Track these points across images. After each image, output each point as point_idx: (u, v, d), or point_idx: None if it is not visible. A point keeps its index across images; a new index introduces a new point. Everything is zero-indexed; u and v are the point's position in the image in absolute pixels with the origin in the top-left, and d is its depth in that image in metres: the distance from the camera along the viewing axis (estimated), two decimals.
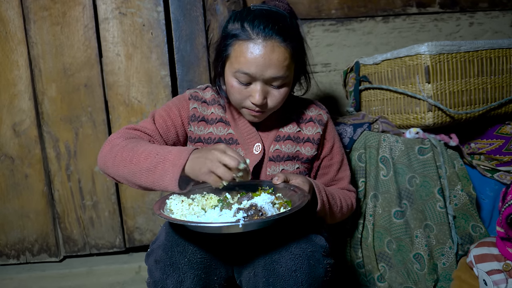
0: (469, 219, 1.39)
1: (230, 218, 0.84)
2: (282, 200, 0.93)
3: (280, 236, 0.93)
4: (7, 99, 1.67)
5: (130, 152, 0.98)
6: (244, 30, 1.01)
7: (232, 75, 1.05)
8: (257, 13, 1.04)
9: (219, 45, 1.09)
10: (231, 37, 1.03)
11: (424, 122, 1.41)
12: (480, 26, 1.93)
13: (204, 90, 1.20)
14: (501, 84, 1.46)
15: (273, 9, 1.07)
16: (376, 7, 1.85)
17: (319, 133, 1.18)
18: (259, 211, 0.85)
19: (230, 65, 1.05)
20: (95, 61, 1.67)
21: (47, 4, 1.63)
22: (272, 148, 1.14)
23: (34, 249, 1.76)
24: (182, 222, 0.83)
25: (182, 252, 0.91)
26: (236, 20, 1.05)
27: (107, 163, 1.01)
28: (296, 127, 1.17)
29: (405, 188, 1.39)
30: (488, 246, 1.18)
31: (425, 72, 1.36)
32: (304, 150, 1.17)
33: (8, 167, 1.70)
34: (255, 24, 1.00)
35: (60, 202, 1.74)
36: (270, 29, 1.00)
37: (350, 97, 1.73)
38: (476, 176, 1.47)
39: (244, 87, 1.05)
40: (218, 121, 1.16)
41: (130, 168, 0.96)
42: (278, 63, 1.01)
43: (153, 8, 1.66)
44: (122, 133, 1.08)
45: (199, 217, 0.87)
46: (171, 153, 0.94)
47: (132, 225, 1.77)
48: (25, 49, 1.65)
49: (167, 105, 1.17)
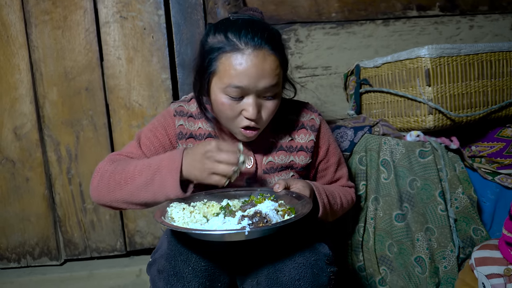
0: (470, 222, 1.39)
1: (234, 226, 0.83)
2: (285, 207, 0.92)
3: (283, 244, 0.93)
4: (8, 103, 1.67)
5: (121, 174, 0.97)
6: (229, 41, 0.95)
7: (221, 91, 0.98)
8: (240, 22, 0.98)
9: (201, 62, 1.01)
10: (215, 51, 0.97)
11: (425, 125, 1.41)
12: (480, 29, 1.93)
13: (189, 102, 1.13)
14: (502, 87, 1.46)
15: (255, 18, 1.02)
16: (376, 10, 1.85)
17: (312, 140, 1.13)
18: (264, 218, 0.84)
19: (218, 81, 0.98)
20: (96, 64, 1.68)
21: (49, 8, 1.64)
22: (265, 160, 1.10)
23: (35, 253, 1.76)
24: (187, 230, 0.81)
25: (186, 261, 0.90)
26: (218, 32, 0.98)
27: (101, 192, 1.00)
28: (288, 136, 1.13)
29: (406, 191, 1.39)
30: (490, 249, 1.16)
31: (425, 75, 1.36)
32: (298, 159, 1.13)
33: (9, 171, 1.71)
34: (242, 34, 0.95)
35: (61, 206, 1.74)
36: (259, 38, 0.95)
37: (350, 100, 1.74)
38: (477, 179, 1.47)
39: (236, 103, 0.98)
40: (207, 136, 1.10)
41: (127, 189, 0.95)
42: (270, 72, 0.96)
43: (154, 12, 1.67)
44: (108, 160, 1.05)
45: (202, 225, 0.86)
46: (164, 160, 0.93)
47: (133, 228, 1.77)
48: (26, 53, 1.65)
49: (153, 125, 1.12)
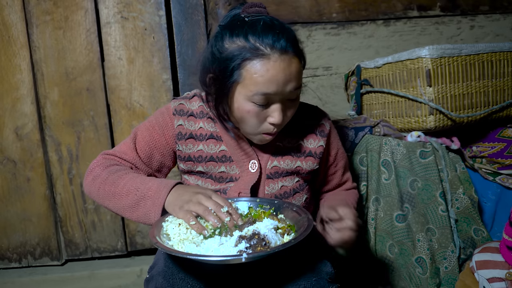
0: (471, 222, 1.39)
1: (231, 248, 0.79)
2: (285, 223, 0.89)
3: (283, 262, 0.90)
4: (9, 103, 1.68)
5: (111, 186, 0.95)
6: (253, 46, 0.89)
7: (247, 99, 0.92)
8: (261, 24, 0.91)
9: (221, 71, 0.93)
10: (237, 57, 0.90)
11: (426, 126, 1.41)
12: (481, 29, 1.93)
13: (190, 100, 1.07)
14: (503, 87, 1.46)
15: (272, 18, 0.95)
16: (377, 11, 1.85)
17: (321, 146, 1.08)
18: (262, 240, 0.80)
19: (243, 89, 0.92)
20: (97, 65, 1.68)
21: (50, 8, 1.64)
22: (270, 164, 1.05)
23: (36, 253, 1.76)
24: (181, 254, 0.77)
25: (184, 279, 0.87)
26: (236, 36, 0.91)
27: (91, 194, 1.00)
28: (295, 141, 1.07)
29: (406, 192, 1.38)
30: (492, 252, 1.14)
31: (426, 76, 1.36)
32: (306, 165, 1.08)
33: (11, 171, 1.71)
34: (266, 37, 0.89)
35: (62, 206, 1.74)
36: (284, 41, 0.90)
37: (351, 100, 1.74)
38: (478, 180, 1.47)
39: (262, 109, 0.93)
40: (208, 138, 1.04)
41: (114, 203, 0.95)
42: (296, 75, 0.93)
43: (154, 12, 1.67)
44: (101, 161, 1.02)
45: (198, 246, 0.81)
46: (151, 189, 0.91)
47: (133, 228, 1.77)
48: (27, 53, 1.65)
49: (150, 122, 1.07)
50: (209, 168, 1.05)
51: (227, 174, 1.05)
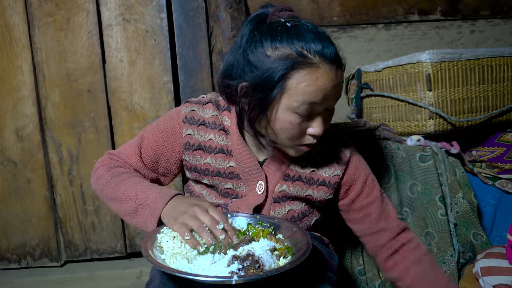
0: (470, 227, 1.39)
1: (223, 268, 0.76)
2: (283, 245, 0.86)
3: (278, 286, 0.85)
4: (10, 104, 1.68)
5: (113, 190, 0.95)
6: (300, 55, 0.84)
7: (290, 110, 0.87)
8: (308, 31, 0.87)
9: (262, 80, 0.86)
10: (283, 66, 0.84)
11: (426, 130, 1.41)
12: (482, 34, 1.94)
13: (204, 106, 1.01)
14: (502, 92, 1.47)
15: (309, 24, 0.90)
16: (377, 15, 1.86)
17: (337, 176, 1.01)
18: (257, 262, 0.76)
19: (288, 99, 0.86)
20: (98, 66, 1.68)
21: (52, 10, 1.65)
22: (278, 188, 1.00)
23: (36, 254, 1.76)
24: (171, 270, 0.75)
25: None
26: (280, 42, 0.86)
27: (96, 192, 1.02)
28: (309, 167, 1.01)
29: (406, 196, 1.39)
30: (497, 258, 1.12)
31: (426, 80, 1.36)
32: (317, 194, 1.01)
33: (11, 172, 1.71)
34: (313, 46, 0.85)
35: (62, 207, 1.74)
36: (333, 49, 0.87)
37: (351, 104, 1.74)
38: (477, 184, 1.47)
39: (303, 120, 0.89)
40: (218, 152, 0.99)
41: (115, 207, 0.96)
42: (342, 85, 0.90)
43: (156, 15, 1.68)
44: (106, 161, 1.02)
45: (190, 262, 0.79)
46: (149, 198, 0.90)
47: (133, 230, 1.77)
48: (29, 54, 1.66)
49: (158, 127, 1.03)
50: (215, 182, 1.02)
51: (233, 191, 1.02)
